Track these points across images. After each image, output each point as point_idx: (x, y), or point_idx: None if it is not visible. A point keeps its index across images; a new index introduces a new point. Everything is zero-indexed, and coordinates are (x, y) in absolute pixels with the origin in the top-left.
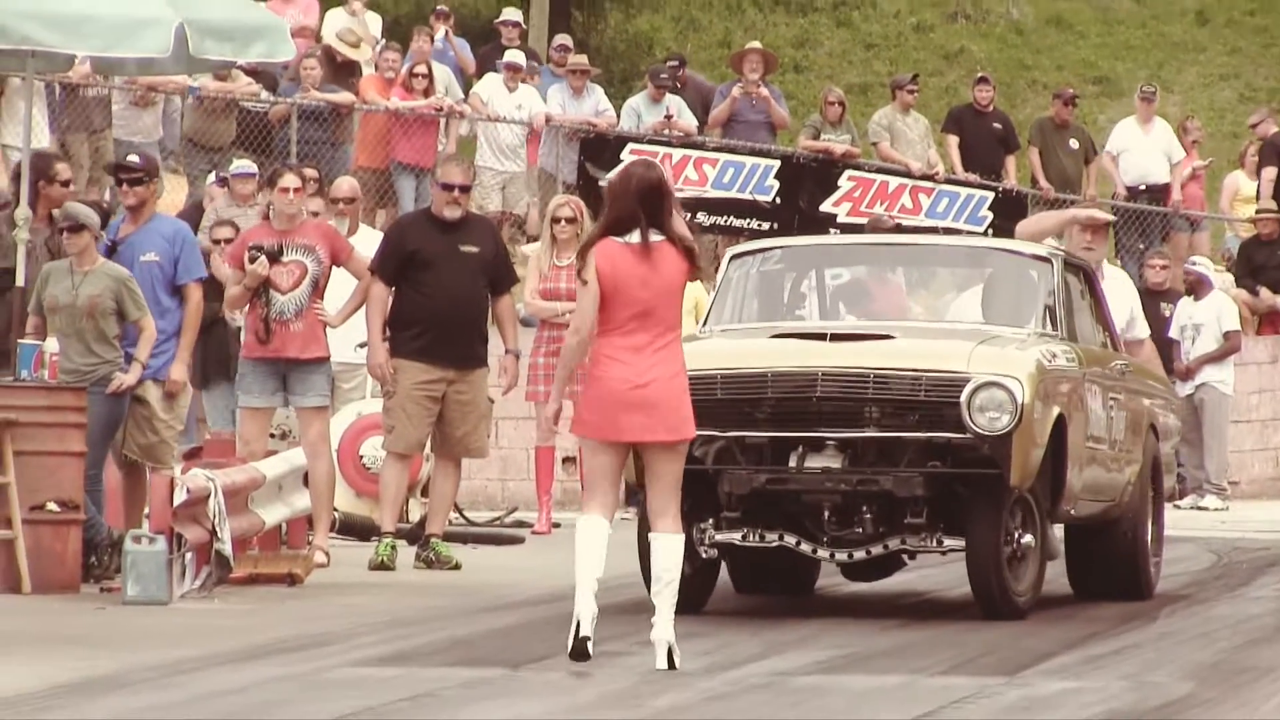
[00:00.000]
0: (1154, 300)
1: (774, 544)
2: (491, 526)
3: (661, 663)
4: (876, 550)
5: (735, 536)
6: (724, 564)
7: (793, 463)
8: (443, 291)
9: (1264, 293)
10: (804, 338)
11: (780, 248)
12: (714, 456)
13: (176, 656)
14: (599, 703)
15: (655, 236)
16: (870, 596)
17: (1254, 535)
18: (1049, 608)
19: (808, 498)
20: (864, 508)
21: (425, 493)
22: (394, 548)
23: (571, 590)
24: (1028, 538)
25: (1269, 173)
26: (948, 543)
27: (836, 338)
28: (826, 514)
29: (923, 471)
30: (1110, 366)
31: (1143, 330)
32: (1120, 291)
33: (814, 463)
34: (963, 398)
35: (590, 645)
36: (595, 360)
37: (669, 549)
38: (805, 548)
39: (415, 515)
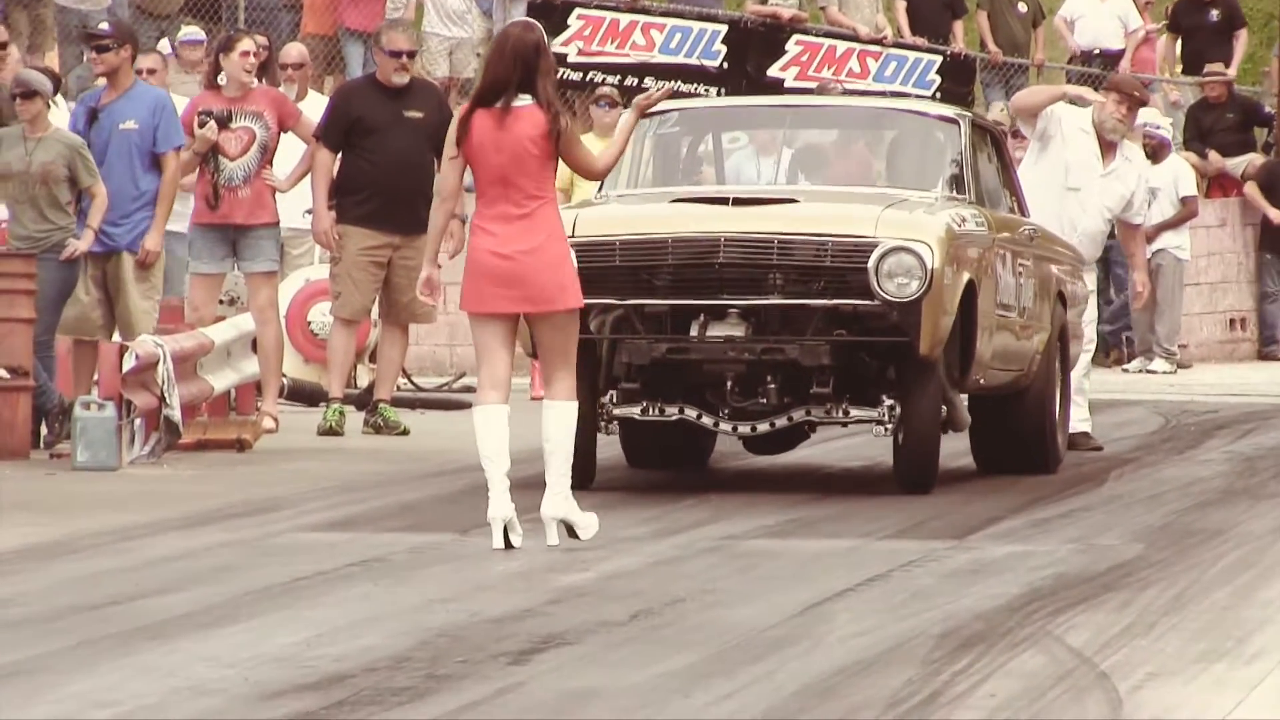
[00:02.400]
0: None
1: (674, 418)
2: (439, 392)
3: (553, 539)
4: (780, 422)
5: (634, 411)
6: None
7: (694, 332)
8: (388, 157)
9: (1213, 156)
10: (706, 202)
11: (678, 110)
12: (612, 326)
13: (126, 522)
14: (548, 567)
15: (520, 100)
16: (789, 468)
17: (1202, 398)
18: (992, 475)
19: (709, 368)
20: (768, 378)
21: (373, 358)
22: (342, 413)
23: (523, 458)
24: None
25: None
26: (854, 413)
27: (739, 202)
28: (729, 385)
29: (829, 340)
30: (1019, 232)
31: (1139, 216)
32: (1128, 174)
33: (716, 331)
34: (870, 263)
35: (517, 542)
36: (471, 231)
37: (558, 416)
38: (706, 421)
39: (363, 381)
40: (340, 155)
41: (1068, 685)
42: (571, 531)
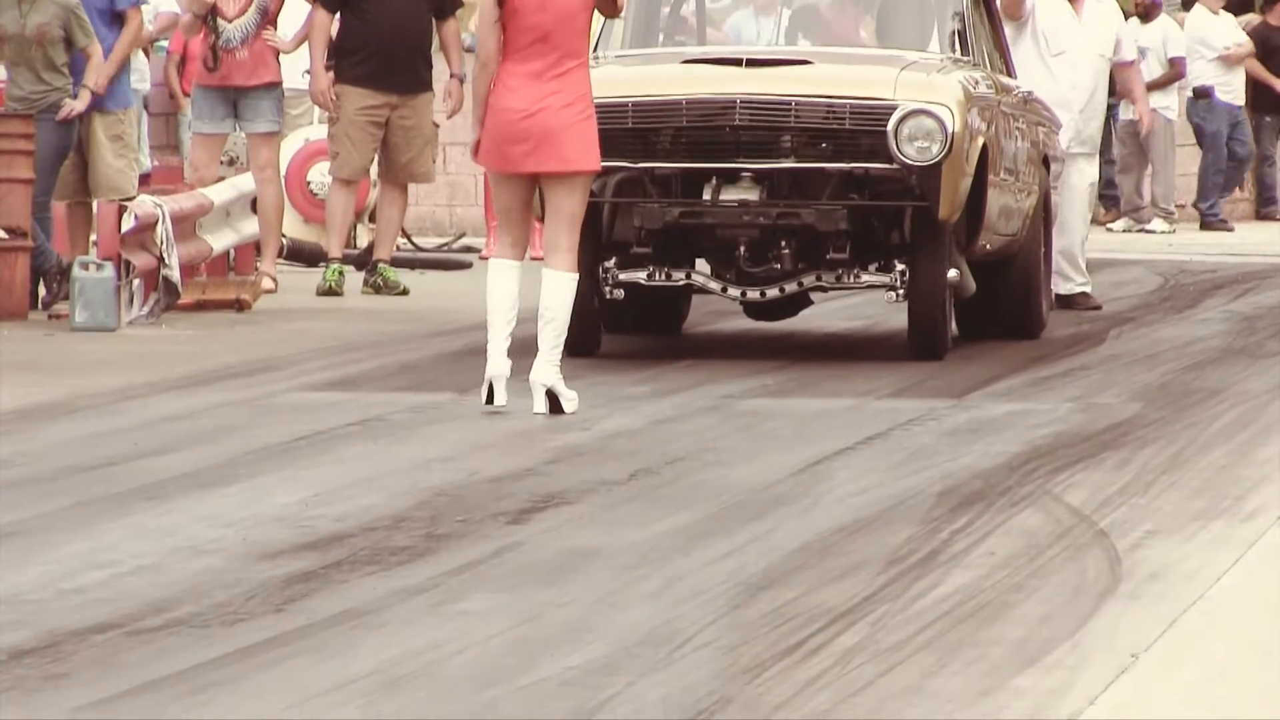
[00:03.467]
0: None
1: (681, 283)
2: (439, 252)
3: (540, 407)
4: (790, 288)
5: (639, 275)
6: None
7: (707, 195)
8: (386, 17)
9: None
10: (718, 63)
11: None
12: (617, 189)
13: (124, 382)
14: (548, 427)
15: None
16: (788, 327)
17: (1200, 258)
18: (988, 335)
19: (723, 232)
20: (782, 242)
21: (373, 218)
22: (342, 273)
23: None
24: (952, 273)
25: None
26: (866, 279)
27: (753, 63)
28: (741, 249)
29: (848, 204)
30: (1014, 94)
31: (1130, 52)
32: (1105, 14)
33: (729, 195)
34: (890, 126)
35: (503, 400)
36: (494, 88)
37: (556, 286)
38: (715, 285)
39: (363, 241)
40: (340, 15)
41: (1066, 543)
42: (556, 402)
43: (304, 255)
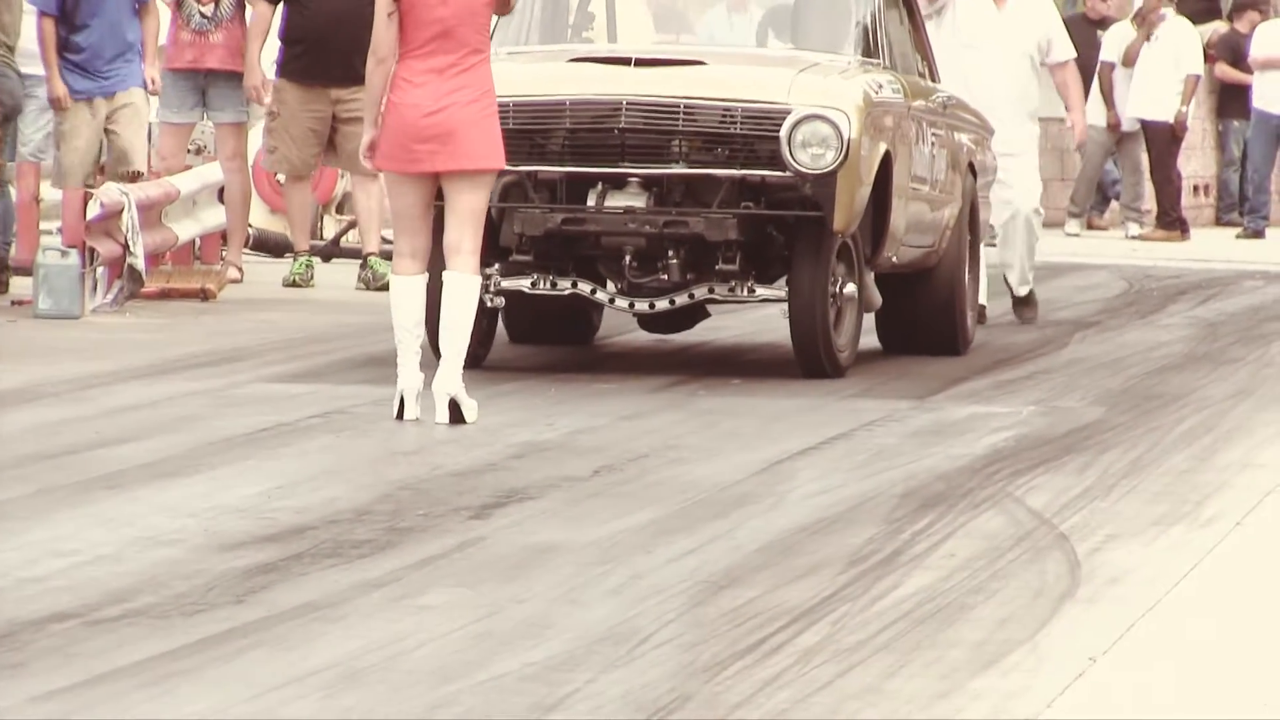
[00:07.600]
0: (1090, 29)
1: (566, 292)
2: None
3: (442, 416)
4: (680, 299)
5: (524, 284)
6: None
7: (591, 201)
8: (325, 10)
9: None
10: (606, 62)
11: None
12: (502, 193)
13: (87, 370)
14: (512, 423)
15: None
16: (751, 328)
17: (1165, 263)
18: (910, 351)
19: (608, 240)
20: (670, 252)
21: (340, 210)
22: (309, 265)
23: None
24: (850, 287)
25: None
26: (760, 291)
27: (641, 63)
28: (628, 259)
29: (737, 213)
30: (932, 99)
31: (1063, 53)
32: (1032, 11)
33: (615, 201)
34: (783, 132)
35: (416, 414)
36: (393, 85)
37: (458, 291)
38: (601, 296)
39: (329, 232)
40: (285, 7)
41: (1027, 546)
42: (457, 411)
43: (270, 246)
